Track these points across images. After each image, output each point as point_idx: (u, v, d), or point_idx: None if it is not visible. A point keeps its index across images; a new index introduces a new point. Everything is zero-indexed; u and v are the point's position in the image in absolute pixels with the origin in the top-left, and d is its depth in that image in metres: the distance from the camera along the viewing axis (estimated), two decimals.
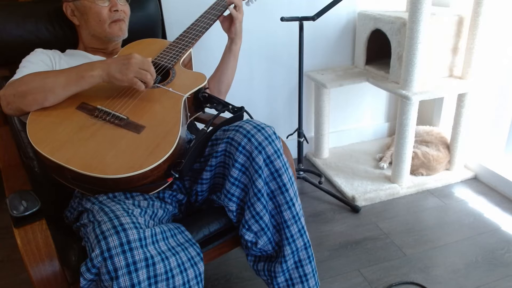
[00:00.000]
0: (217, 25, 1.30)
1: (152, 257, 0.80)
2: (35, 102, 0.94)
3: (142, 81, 0.97)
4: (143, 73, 0.96)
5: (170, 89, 1.06)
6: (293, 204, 1.00)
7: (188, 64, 1.26)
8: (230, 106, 1.10)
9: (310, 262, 1.05)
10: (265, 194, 0.99)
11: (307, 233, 1.04)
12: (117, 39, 1.20)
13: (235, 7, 1.24)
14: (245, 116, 1.11)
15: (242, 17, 1.27)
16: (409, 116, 1.71)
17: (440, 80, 1.81)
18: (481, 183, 1.90)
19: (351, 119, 2.28)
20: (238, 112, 1.10)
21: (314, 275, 1.07)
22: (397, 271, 1.40)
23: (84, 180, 0.89)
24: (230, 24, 1.27)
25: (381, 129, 2.36)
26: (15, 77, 1.01)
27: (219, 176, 1.06)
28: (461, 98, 1.80)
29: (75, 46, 1.25)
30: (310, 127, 2.21)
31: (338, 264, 1.44)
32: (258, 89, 2.02)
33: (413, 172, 1.93)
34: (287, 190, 0.99)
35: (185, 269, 0.85)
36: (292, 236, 1.01)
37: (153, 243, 0.82)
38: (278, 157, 0.98)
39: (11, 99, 0.95)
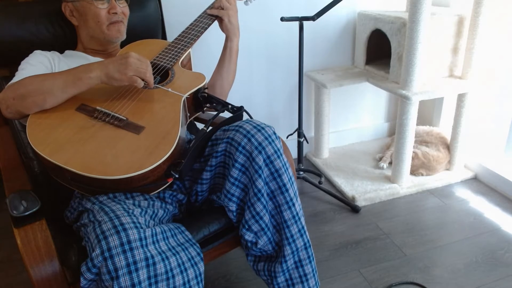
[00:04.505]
0: (217, 24, 1.31)
1: (152, 256, 0.80)
2: (35, 105, 0.94)
3: (142, 80, 0.97)
4: (142, 71, 0.96)
5: (169, 89, 1.06)
6: (293, 204, 1.00)
7: (188, 64, 1.26)
8: (230, 106, 1.10)
9: (310, 262, 1.06)
10: (265, 194, 0.99)
11: (307, 233, 1.04)
12: (115, 41, 1.20)
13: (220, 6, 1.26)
14: (245, 116, 1.11)
15: (232, 13, 1.26)
16: (409, 116, 1.71)
17: (440, 80, 1.81)
18: (481, 183, 1.90)
19: (351, 119, 2.28)
20: (238, 111, 1.10)
21: (314, 275, 1.07)
22: (397, 271, 1.40)
23: (83, 181, 0.89)
24: (221, 22, 1.28)
25: (381, 129, 2.36)
26: (14, 79, 1.01)
27: (219, 176, 1.06)
28: (461, 98, 1.80)
29: (74, 47, 1.25)
30: (310, 127, 2.21)
31: (338, 264, 1.44)
32: (258, 89, 2.02)
33: (413, 172, 1.93)
34: (287, 190, 0.99)
35: (185, 269, 0.85)
36: (292, 236, 1.01)
37: (153, 243, 0.82)
38: (278, 157, 0.98)
39: (11, 102, 0.95)
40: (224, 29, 1.28)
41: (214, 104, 1.12)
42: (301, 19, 1.65)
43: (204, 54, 1.82)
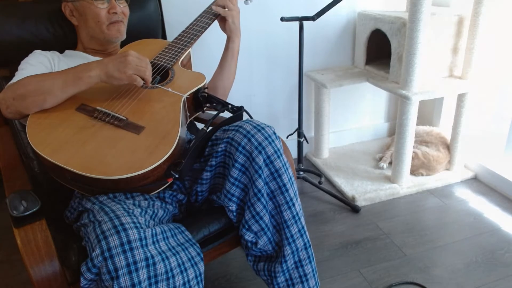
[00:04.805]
0: (216, 25, 1.31)
1: (152, 257, 0.80)
2: (34, 105, 0.94)
3: (141, 78, 0.97)
4: (141, 69, 0.96)
5: (169, 89, 1.06)
6: (293, 204, 1.00)
7: (187, 64, 1.26)
8: (230, 106, 1.10)
9: (310, 262, 1.06)
10: (265, 194, 0.99)
11: (307, 233, 1.04)
12: (115, 41, 1.20)
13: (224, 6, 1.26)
14: (245, 116, 1.11)
15: (236, 14, 1.26)
16: (409, 116, 1.71)
17: (440, 80, 1.81)
18: (481, 183, 1.90)
19: (351, 119, 2.28)
20: (238, 111, 1.10)
21: (314, 275, 1.07)
22: (397, 271, 1.40)
23: (83, 181, 0.89)
24: (224, 22, 1.27)
25: (381, 129, 2.36)
26: (14, 79, 1.01)
27: (219, 176, 1.06)
28: (461, 98, 1.80)
29: (74, 47, 1.25)
30: (310, 127, 2.21)
31: (338, 264, 1.44)
32: (258, 89, 2.02)
33: (413, 172, 1.93)
34: (287, 190, 0.99)
35: (185, 269, 0.85)
36: (292, 236, 1.01)
37: (153, 243, 0.82)
38: (278, 157, 0.98)
39: (11, 102, 0.95)
40: (227, 30, 1.28)
41: (214, 104, 1.12)
42: (301, 19, 1.65)
43: (205, 55, 1.82)
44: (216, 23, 1.29)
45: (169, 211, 1.02)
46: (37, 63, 1.09)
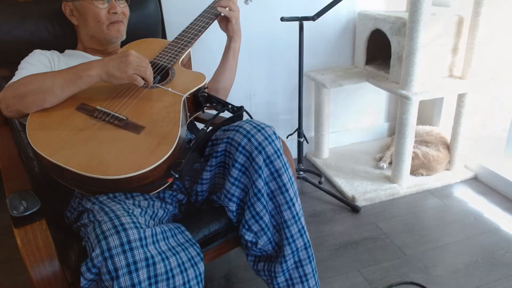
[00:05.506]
0: (216, 25, 1.31)
1: (152, 257, 0.80)
2: (34, 104, 0.94)
3: (142, 78, 0.97)
4: (142, 69, 0.96)
5: (170, 89, 1.06)
6: (293, 204, 1.00)
7: (187, 64, 1.26)
8: (230, 106, 1.10)
9: (310, 262, 1.05)
10: (265, 194, 0.99)
11: (307, 233, 1.04)
12: (115, 41, 1.20)
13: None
14: (245, 116, 1.11)
15: (238, 14, 1.27)
16: (409, 116, 1.71)
17: (440, 80, 1.81)
18: (481, 183, 1.90)
19: (351, 119, 2.28)
20: (238, 111, 1.10)
21: (314, 275, 1.07)
22: (397, 271, 1.40)
23: (83, 181, 0.89)
24: (226, 22, 1.27)
25: (381, 129, 2.36)
26: (14, 79, 1.01)
27: (219, 176, 1.06)
28: (461, 98, 1.80)
29: (74, 47, 1.25)
30: (310, 127, 2.21)
31: (338, 264, 1.44)
32: (258, 89, 2.02)
33: (413, 172, 1.93)
34: (287, 190, 0.99)
35: (185, 269, 0.85)
36: (292, 236, 1.01)
37: (153, 243, 0.82)
38: (278, 157, 0.98)
39: (11, 101, 0.95)
40: (229, 31, 1.28)
41: (214, 104, 1.12)
42: (301, 19, 1.65)
43: (205, 55, 1.82)
44: (216, 23, 1.29)
45: (169, 211, 1.02)
46: (37, 63, 1.09)
